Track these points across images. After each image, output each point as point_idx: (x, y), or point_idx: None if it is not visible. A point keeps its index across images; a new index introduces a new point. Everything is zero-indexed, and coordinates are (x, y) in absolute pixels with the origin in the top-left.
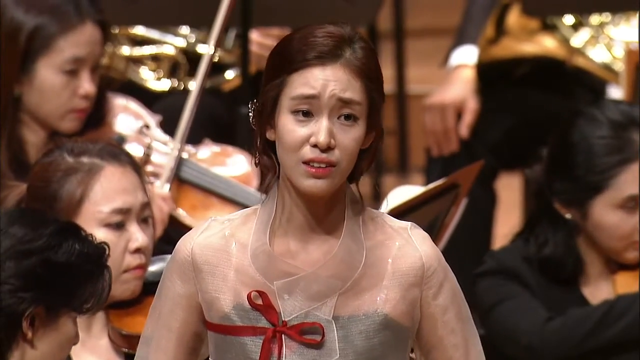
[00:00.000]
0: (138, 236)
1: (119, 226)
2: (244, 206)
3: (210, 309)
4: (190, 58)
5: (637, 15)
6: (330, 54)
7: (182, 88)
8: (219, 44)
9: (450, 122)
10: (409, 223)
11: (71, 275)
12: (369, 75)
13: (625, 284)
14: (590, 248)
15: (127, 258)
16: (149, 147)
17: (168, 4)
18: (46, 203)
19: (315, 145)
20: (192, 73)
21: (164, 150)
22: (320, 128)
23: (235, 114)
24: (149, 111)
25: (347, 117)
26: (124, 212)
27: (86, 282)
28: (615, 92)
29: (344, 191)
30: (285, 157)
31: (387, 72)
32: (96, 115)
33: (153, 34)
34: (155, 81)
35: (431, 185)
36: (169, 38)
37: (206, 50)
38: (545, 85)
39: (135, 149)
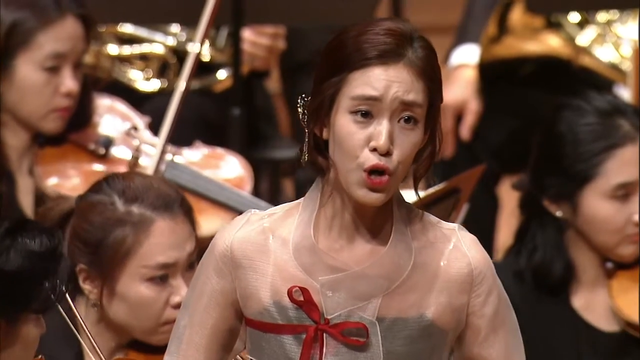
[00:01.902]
0: (182, 292)
1: (162, 279)
2: (238, 211)
3: (247, 305)
4: (181, 57)
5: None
6: (393, 53)
7: (172, 89)
8: (209, 42)
9: (450, 124)
10: (456, 225)
11: (26, 279)
12: (430, 75)
13: (622, 289)
14: (583, 249)
15: (168, 312)
16: (137, 150)
17: (157, 1)
18: (88, 246)
19: (374, 150)
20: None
21: (153, 153)
22: (380, 131)
23: (228, 115)
24: (137, 112)
25: (408, 120)
26: (170, 266)
27: (42, 281)
28: (623, 93)
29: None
30: (343, 160)
31: None
32: (81, 115)
33: (141, 32)
34: (144, 81)
35: (431, 190)
36: (158, 36)
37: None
38: (549, 86)
39: (123, 152)
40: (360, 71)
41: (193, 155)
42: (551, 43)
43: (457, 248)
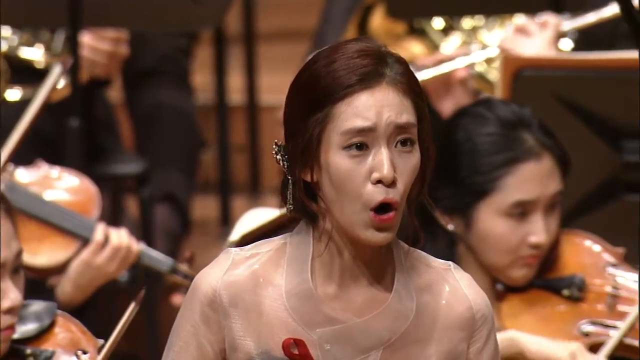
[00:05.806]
0: (11, 295)
1: None
2: (84, 238)
3: (233, 356)
4: (13, 64)
5: (513, 19)
6: (374, 74)
7: (2, 98)
8: (44, 46)
9: None
10: (450, 263)
11: None
12: (415, 90)
13: (512, 313)
14: (474, 268)
15: None
16: None
17: None
18: None
19: (377, 182)
20: (14, 80)
21: None
22: (381, 160)
23: (65, 127)
24: None
25: (404, 142)
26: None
27: None
28: None
29: None
30: (345, 202)
31: (236, 81)
32: None
33: None
34: None
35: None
36: None
37: (31, 54)
38: None
39: None
40: (345, 101)
41: (34, 176)
42: (414, 50)
43: (456, 290)
